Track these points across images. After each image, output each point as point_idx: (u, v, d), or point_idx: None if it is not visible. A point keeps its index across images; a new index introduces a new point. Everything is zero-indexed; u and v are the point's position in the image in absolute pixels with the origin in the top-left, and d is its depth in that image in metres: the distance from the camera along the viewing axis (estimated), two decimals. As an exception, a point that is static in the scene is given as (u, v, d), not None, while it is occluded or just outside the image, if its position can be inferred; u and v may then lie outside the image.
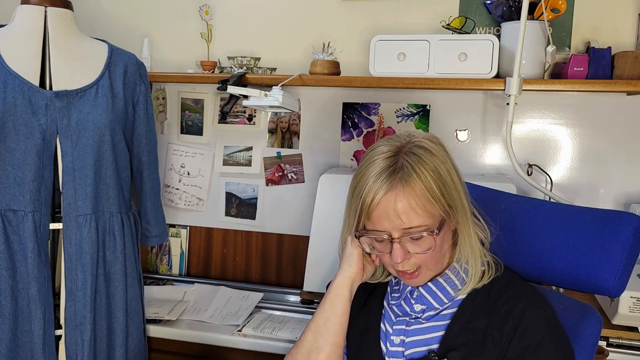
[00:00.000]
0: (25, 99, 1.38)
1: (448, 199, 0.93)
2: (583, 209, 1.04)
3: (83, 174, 1.44)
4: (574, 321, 1.00)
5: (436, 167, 0.93)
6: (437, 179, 0.92)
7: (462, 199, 0.96)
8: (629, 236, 0.93)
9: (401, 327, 1.02)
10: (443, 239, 0.96)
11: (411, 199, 0.90)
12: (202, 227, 2.13)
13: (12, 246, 1.39)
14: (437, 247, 0.94)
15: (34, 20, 1.44)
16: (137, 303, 1.57)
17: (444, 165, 0.94)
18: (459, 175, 0.98)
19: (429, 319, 1.00)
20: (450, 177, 0.94)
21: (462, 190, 0.97)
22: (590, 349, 0.98)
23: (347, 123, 1.97)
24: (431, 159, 0.93)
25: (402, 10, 1.90)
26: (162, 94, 2.12)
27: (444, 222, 0.95)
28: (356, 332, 1.07)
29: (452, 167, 0.97)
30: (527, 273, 1.07)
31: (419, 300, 1.01)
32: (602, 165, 1.79)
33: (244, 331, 1.66)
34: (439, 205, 0.92)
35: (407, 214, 0.91)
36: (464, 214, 0.97)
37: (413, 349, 0.99)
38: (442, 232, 0.94)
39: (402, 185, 0.91)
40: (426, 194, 0.91)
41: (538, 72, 1.67)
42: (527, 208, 1.11)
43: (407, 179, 0.91)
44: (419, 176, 0.91)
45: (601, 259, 0.94)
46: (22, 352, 1.41)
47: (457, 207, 0.95)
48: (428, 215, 0.92)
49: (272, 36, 2.02)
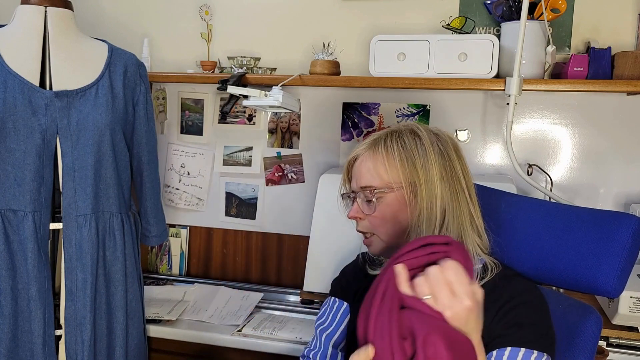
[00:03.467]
0: (25, 99, 1.38)
1: (410, 173, 0.98)
2: (582, 210, 1.04)
3: (83, 174, 1.44)
4: (574, 321, 1.00)
5: (410, 144, 0.99)
6: (403, 152, 0.99)
7: (433, 180, 0.97)
8: (628, 237, 0.92)
9: None
10: (393, 209, 0.99)
11: (370, 162, 1.01)
12: (202, 227, 2.13)
13: (12, 246, 1.39)
14: (380, 214, 0.99)
15: (34, 20, 1.44)
16: (137, 303, 1.57)
17: (424, 147, 0.99)
18: (454, 166, 0.99)
19: None
20: (426, 158, 0.98)
21: (445, 179, 0.98)
22: (591, 349, 0.98)
23: (347, 123, 1.97)
24: (411, 137, 1.00)
25: (402, 10, 1.90)
26: (162, 94, 2.12)
27: (396, 193, 0.98)
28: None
29: (440, 152, 0.99)
30: (527, 273, 1.07)
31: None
32: (602, 165, 1.79)
33: (244, 331, 1.66)
34: (395, 175, 0.98)
35: (363, 174, 1.01)
36: (452, 197, 0.98)
37: None
38: (389, 200, 0.99)
39: (372, 151, 1.01)
40: (384, 161, 0.99)
41: (538, 72, 1.67)
42: (526, 208, 1.10)
43: (376, 146, 1.01)
44: (386, 145, 1.00)
45: (600, 260, 0.94)
46: (22, 352, 1.41)
47: (421, 185, 0.97)
48: (380, 179, 0.99)
49: (272, 36, 2.02)
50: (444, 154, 1.00)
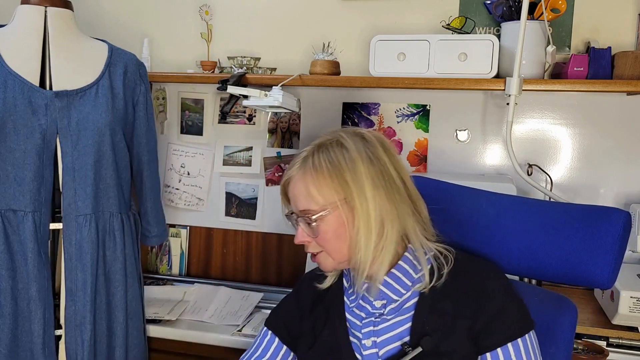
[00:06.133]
0: (26, 99, 1.38)
1: (342, 189, 0.96)
2: (573, 206, 1.07)
3: (83, 174, 1.44)
4: (551, 312, 1.04)
5: (337, 157, 0.97)
6: (331, 168, 0.96)
7: (365, 192, 0.96)
8: (619, 230, 0.97)
9: (369, 328, 1.01)
10: (335, 228, 0.97)
11: (301, 184, 0.98)
12: (202, 227, 2.13)
13: (12, 246, 1.39)
14: (323, 235, 0.98)
15: (34, 20, 1.44)
16: (137, 303, 1.57)
17: (352, 158, 0.96)
18: (386, 168, 0.98)
19: (393, 313, 1.00)
20: (355, 169, 0.96)
21: (379, 184, 0.97)
22: (569, 337, 1.02)
23: (347, 123, 1.97)
24: (337, 149, 0.98)
25: (402, 10, 1.90)
26: (162, 94, 2.12)
27: (333, 213, 0.97)
28: (324, 349, 1.05)
29: (369, 158, 0.97)
30: (520, 271, 1.10)
31: (378, 296, 1.02)
32: (602, 165, 1.79)
33: (244, 331, 1.66)
34: (327, 194, 0.96)
35: (298, 197, 0.99)
36: (387, 205, 0.97)
37: (386, 347, 0.99)
38: (329, 220, 0.97)
39: (302, 171, 0.99)
40: (314, 181, 0.97)
41: (538, 72, 1.67)
42: (520, 208, 1.12)
43: (305, 165, 0.99)
44: (314, 163, 0.97)
45: (594, 254, 0.98)
46: (22, 352, 1.41)
47: (354, 199, 0.95)
48: (314, 202, 0.97)
49: (272, 36, 2.02)
50: (373, 159, 0.97)
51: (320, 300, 1.10)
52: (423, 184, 1.27)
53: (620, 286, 1.45)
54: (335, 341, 1.04)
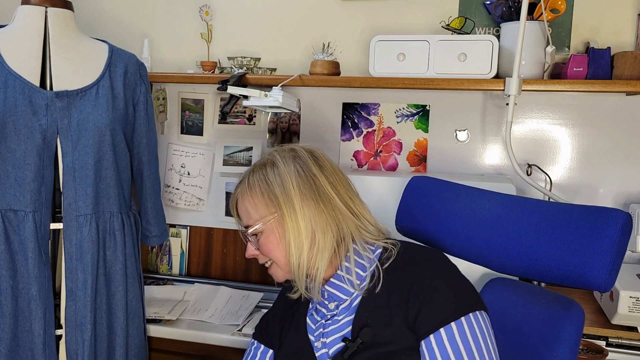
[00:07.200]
0: (26, 99, 1.38)
1: (274, 204, 1.03)
2: (570, 206, 1.06)
3: (83, 174, 1.44)
4: (557, 314, 1.03)
5: (269, 175, 1.05)
6: (264, 185, 1.04)
7: (294, 205, 1.02)
8: (617, 231, 0.95)
9: (319, 331, 1.06)
10: (273, 242, 1.04)
11: (241, 202, 1.08)
12: (202, 227, 2.13)
13: (12, 246, 1.39)
14: (265, 248, 1.05)
15: (34, 20, 1.44)
16: (137, 303, 1.57)
17: (280, 173, 1.04)
18: (316, 180, 1.04)
19: (344, 312, 1.03)
20: (284, 185, 1.03)
21: (308, 196, 1.02)
22: (575, 340, 1.00)
23: (347, 123, 1.98)
24: (270, 168, 1.05)
25: (402, 10, 1.91)
26: (163, 94, 2.12)
27: (267, 227, 1.04)
28: (288, 353, 1.10)
29: (297, 172, 1.04)
30: (518, 271, 1.09)
31: (330, 298, 1.06)
32: (601, 165, 1.79)
33: (244, 331, 1.66)
34: (261, 210, 1.04)
35: (241, 214, 1.09)
36: (317, 215, 1.02)
37: (335, 346, 1.02)
38: (267, 234, 1.04)
39: (241, 190, 1.08)
40: (250, 199, 1.06)
41: (537, 72, 1.67)
42: (516, 207, 1.11)
43: (243, 185, 1.08)
44: (249, 183, 1.06)
45: (592, 255, 0.96)
46: (22, 351, 1.41)
47: (284, 213, 1.02)
48: (252, 218, 1.06)
49: (272, 36, 2.03)
50: (302, 172, 1.04)
51: (291, 307, 1.16)
52: (424, 184, 1.28)
53: (620, 286, 1.45)
54: (297, 345, 1.09)
